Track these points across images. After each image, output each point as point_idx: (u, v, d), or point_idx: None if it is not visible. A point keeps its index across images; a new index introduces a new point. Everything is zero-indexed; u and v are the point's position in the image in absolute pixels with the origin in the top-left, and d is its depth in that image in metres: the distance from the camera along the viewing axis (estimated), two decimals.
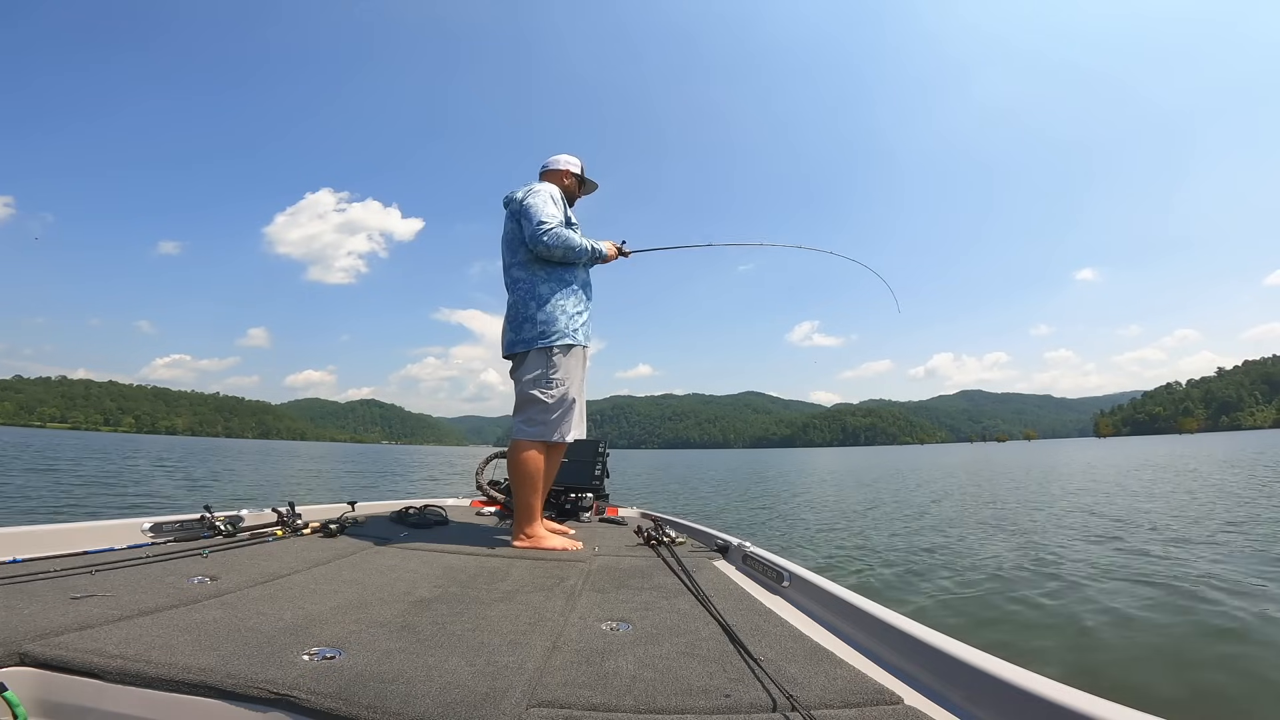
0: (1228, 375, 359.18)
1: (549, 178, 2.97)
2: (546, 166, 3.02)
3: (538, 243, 2.61)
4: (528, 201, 2.67)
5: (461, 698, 0.93)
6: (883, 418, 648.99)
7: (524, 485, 2.60)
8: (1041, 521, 8.17)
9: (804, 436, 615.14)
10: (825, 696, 1.01)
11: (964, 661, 1.03)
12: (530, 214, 2.63)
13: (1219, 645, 3.25)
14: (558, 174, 2.99)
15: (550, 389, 2.63)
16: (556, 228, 2.62)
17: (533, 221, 2.61)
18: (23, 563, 1.68)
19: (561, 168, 3.00)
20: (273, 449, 61.28)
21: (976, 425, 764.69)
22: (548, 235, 2.59)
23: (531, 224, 2.61)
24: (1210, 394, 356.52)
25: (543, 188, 2.75)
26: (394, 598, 1.59)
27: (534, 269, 2.70)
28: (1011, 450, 76.59)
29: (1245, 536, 6.31)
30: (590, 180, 3.09)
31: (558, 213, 2.69)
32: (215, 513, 2.47)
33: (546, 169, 3.02)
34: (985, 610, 4.11)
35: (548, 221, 2.61)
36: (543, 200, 2.67)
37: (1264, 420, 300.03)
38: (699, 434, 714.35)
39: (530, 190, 2.73)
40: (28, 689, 0.97)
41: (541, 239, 2.60)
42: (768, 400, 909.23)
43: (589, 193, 3.14)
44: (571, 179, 3.01)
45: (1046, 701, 0.85)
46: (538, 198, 2.68)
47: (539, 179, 2.98)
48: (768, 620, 1.49)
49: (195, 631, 1.19)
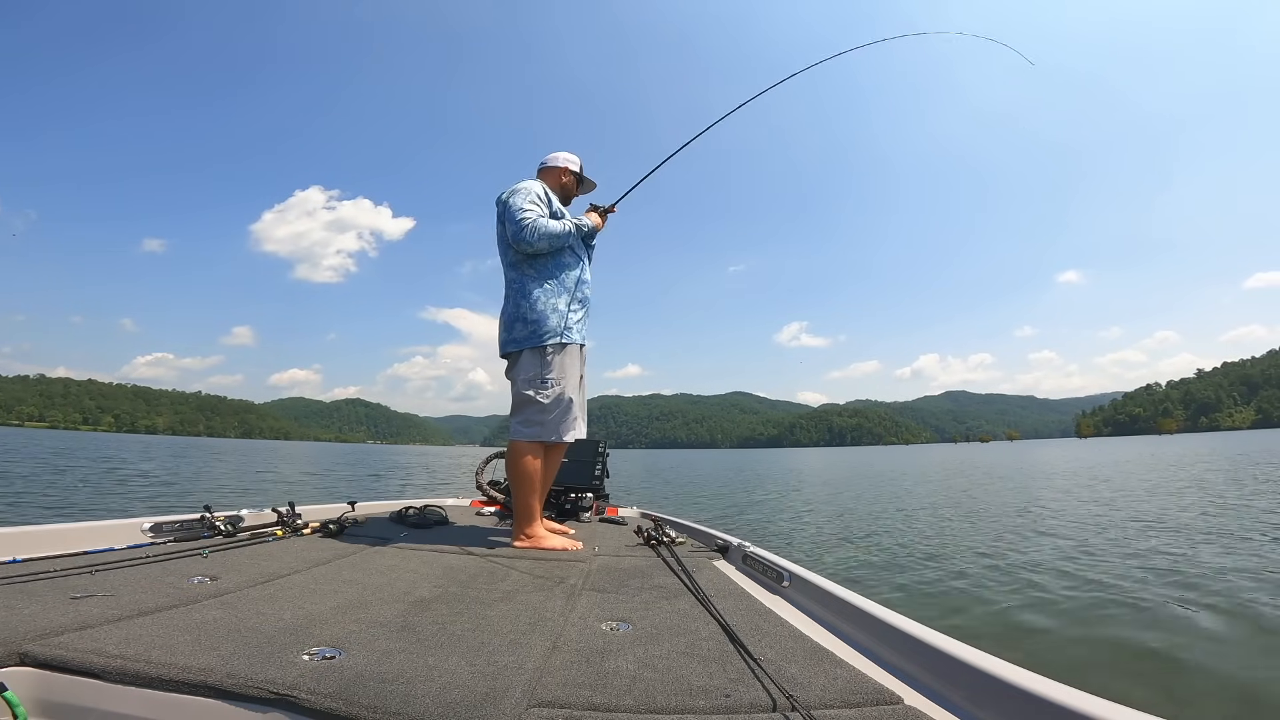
0: (1207, 377, 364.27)
1: (546, 175, 2.97)
2: (544, 164, 3.01)
3: (519, 240, 2.61)
4: (508, 202, 2.68)
5: (461, 698, 0.93)
6: (869, 418, 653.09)
7: (522, 486, 2.59)
8: (999, 518, 8.64)
9: (791, 437, 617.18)
10: (825, 696, 1.01)
11: (964, 661, 1.03)
12: (510, 214, 2.64)
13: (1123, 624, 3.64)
14: (555, 171, 2.99)
15: (546, 389, 2.61)
16: (533, 220, 2.61)
17: (511, 221, 2.62)
18: (23, 563, 1.67)
19: (560, 165, 2.99)
20: (248, 449, 60.16)
21: (961, 426, 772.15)
22: (525, 230, 2.59)
23: (512, 224, 2.62)
24: (1189, 395, 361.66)
25: (523, 186, 2.74)
26: (394, 598, 1.58)
27: (523, 269, 2.69)
28: (992, 451, 77.46)
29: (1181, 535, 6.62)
30: (589, 179, 3.08)
31: (536, 207, 2.67)
32: (215, 513, 2.45)
33: (544, 166, 3.01)
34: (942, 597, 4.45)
35: (524, 216, 2.61)
36: (520, 198, 2.67)
37: (1242, 421, 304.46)
38: (686, 434, 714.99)
39: (512, 190, 2.72)
40: (28, 689, 0.96)
41: (521, 236, 2.60)
42: (755, 400, 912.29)
43: (587, 191, 3.12)
44: (570, 176, 3.00)
45: (1046, 701, 0.84)
46: (516, 197, 2.68)
47: (535, 176, 2.97)
48: (768, 620, 1.48)
49: (195, 631, 1.19)
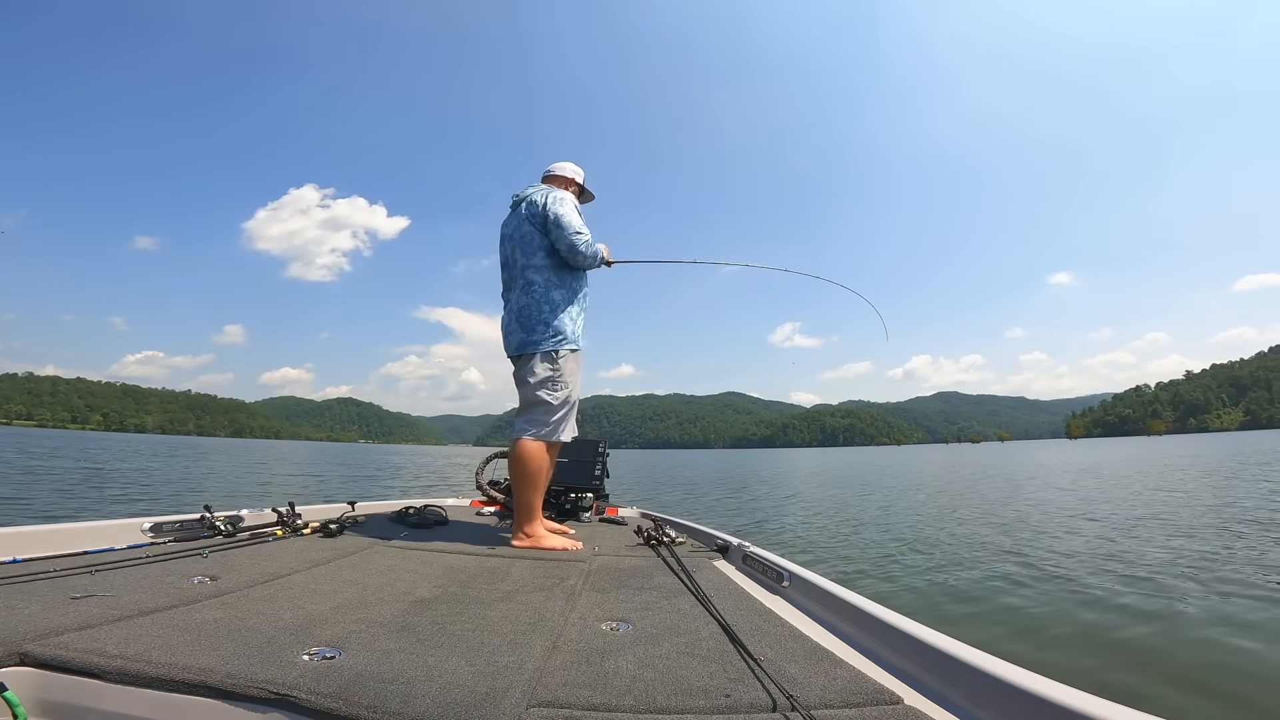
0: (1196, 378, 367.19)
1: (556, 184, 2.99)
2: (552, 172, 3.05)
3: (575, 253, 2.72)
4: (558, 211, 2.72)
5: (461, 698, 0.93)
6: (861, 419, 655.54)
7: (525, 483, 2.64)
8: (977, 515, 8.97)
9: (784, 437, 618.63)
10: (825, 696, 1.01)
11: (964, 661, 1.03)
12: (565, 224, 2.71)
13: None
14: (564, 180, 3.03)
15: (556, 391, 2.71)
16: (588, 239, 2.74)
17: (568, 232, 2.70)
18: (23, 563, 1.67)
19: (568, 175, 3.05)
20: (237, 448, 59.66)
21: (952, 426, 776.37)
22: (587, 247, 2.73)
23: (567, 234, 2.70)
24: (1178, 396, 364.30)
25: (567, 197, 2.82)
26: (394, 598, 1.58)
27: (549, 274, 2.75)
28: (983, 451, 77.93)
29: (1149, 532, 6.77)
30: (589, 191, 3.15)
31: (585, 225, 2.78)
32: (215, 513, 2.45)
33: (551, 174, 3.04)
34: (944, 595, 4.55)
35: (585, 234, 2.73)
36: (571, 210, 2.76)
37: (1230, 423, 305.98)
38: (680, 434, 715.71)
39: (556, 199, 2.77)
40: (28, 689, 0.96)
41: (581, 250, 2.72)
42: (748, 401, 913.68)
43: (585, 203, 3.20)
44: (575, 188, 3.05)
45: (1046, 701, 0.84)
46: (566, 208, 2.75)
47: (541, 181, 3.00)
48: (768, 620, 1.49)
49: (195, 631, 1.19)
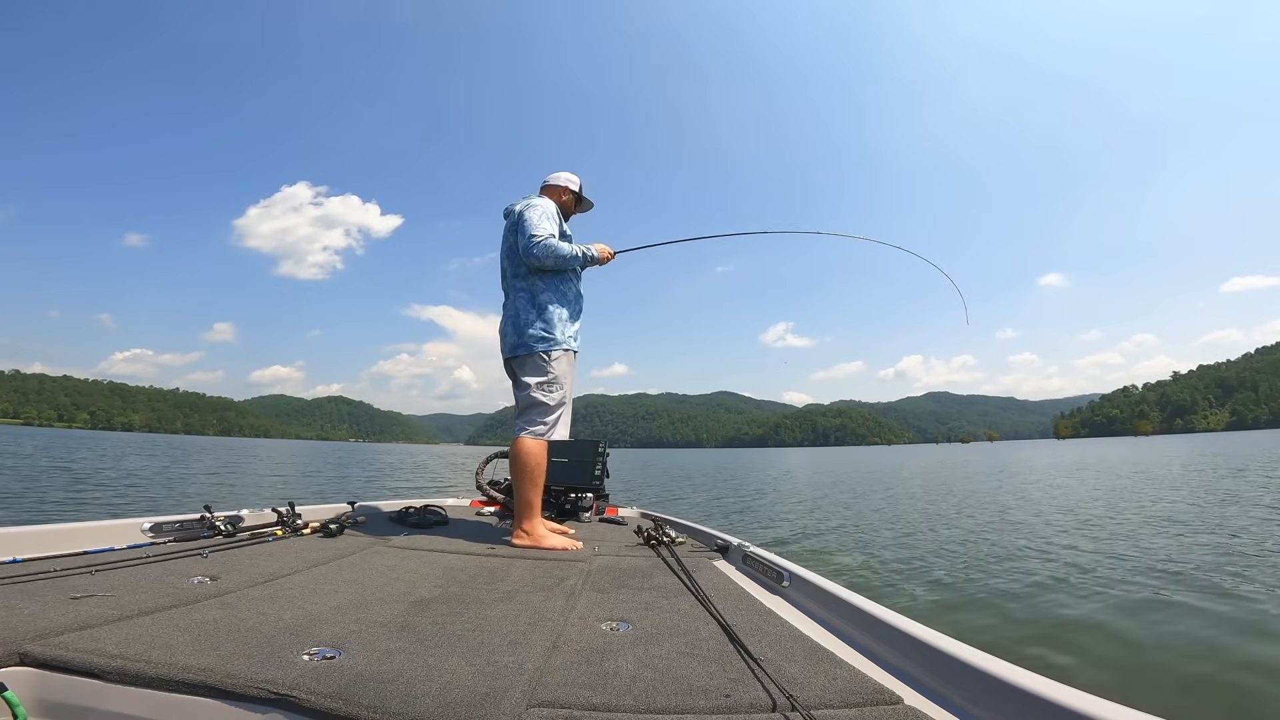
0: (1182, 379, 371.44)
1: (548, 193, 3.10)
2: (547, 182, 3.15)
3: (528, 254, 2.76)
4: (524, 215, 2.82)
5: (461, 698, 0.93)
6: (852, 418, 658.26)
7: (525, 481, 2.68)
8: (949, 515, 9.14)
9: (775, 436, 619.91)
10: (825, 696, 1.01)
11: (964, 661, 1.03)
12: (524, 227, 2.79)
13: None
14: (557, 189, 3.13)
15: (552, 392, 2.78)
16: (546, 239, 2.75)
17: (525, 234, 2.77)
18: (23, 563, 1.67)
19: (561, 184, 3.14)
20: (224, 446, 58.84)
21: (943, 426, 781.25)
22: (536, 247, 2.74)
23: (524, 237, 2.77)
24: (1165, 397, 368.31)
25: (540, 202, 2.89)
26: (394, 598, 1.58)
27: (533, 280, 2.84)
28: (972, 451, 78.50)
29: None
30: (587, 199, 3.23)
31: (551, 227, 2.81)
32: (215, 513, 2.45)
33: (546, 184, 3.14)
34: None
35: (538, 234, 2.75)
36: (538, 215, 2.81)
37: (1217, 424, 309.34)
38: (672, 433, 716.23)
39: (528, 204, 2.86)
40: (28, 689, 0.96)
41: (531, 250, 2.74)
42: (740, 400, 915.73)
43: (584, 211, 3.30)
44: (569, 195, 3.15)
45: (1046, 701, 0.84)
46: (533, 211, 2.82)
47: (538, 193, 3.09)
48: (768, 620, 1.49)
49: (195, 631, 1.18)
